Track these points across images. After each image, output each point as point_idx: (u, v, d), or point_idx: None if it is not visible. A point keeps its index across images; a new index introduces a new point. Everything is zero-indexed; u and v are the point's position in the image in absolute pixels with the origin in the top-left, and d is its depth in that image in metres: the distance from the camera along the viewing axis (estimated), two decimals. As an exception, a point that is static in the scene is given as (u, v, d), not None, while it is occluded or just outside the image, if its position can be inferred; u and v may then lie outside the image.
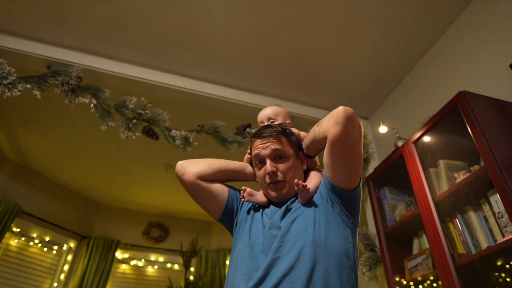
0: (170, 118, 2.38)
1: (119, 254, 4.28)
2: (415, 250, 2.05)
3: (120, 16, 2.26)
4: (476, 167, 1.64)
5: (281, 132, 1.20)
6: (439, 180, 1.85)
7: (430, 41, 2.42)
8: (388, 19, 2.28)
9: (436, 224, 1.72)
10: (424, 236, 1.99)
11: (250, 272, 0.97)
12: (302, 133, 1.31)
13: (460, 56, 2.19)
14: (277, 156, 1.15)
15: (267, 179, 1.14)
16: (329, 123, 1.03)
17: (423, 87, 2.47)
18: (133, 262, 4.33)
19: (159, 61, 2.57)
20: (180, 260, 4.11)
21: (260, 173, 1.17)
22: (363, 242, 2.36)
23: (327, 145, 1.04)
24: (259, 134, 1.20)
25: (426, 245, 1.95)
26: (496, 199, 1.51)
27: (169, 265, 4.35)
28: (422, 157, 1.95)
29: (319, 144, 1.11)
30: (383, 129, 2.38)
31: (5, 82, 1.93)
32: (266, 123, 1.35)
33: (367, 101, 2.92)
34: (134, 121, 2.25)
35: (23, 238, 3.66)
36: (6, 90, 1.93)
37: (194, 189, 1.20)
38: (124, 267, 4.31)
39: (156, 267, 4.36)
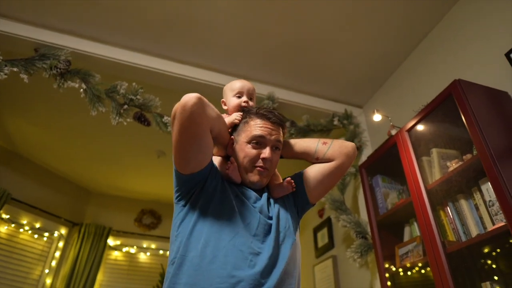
0: (162, 104, 2.34)
1: (111, 241, 4.27)
2: (406, 237, 2.07)
3: (110, -2, 2.19)
4: (469, 156, 1.65)
5: (284, 124, 1.21)
6: (432, 169, 1.86)
7: (425, 30, 2.40)
8: (384, 9, 2.25)
9: (427, 212, 1.73)
10: (415, 223, 2.00)
11: (252, 256, 0.97)
12: None
13: (456, 44, 2.17)
14: (275, 146, 1.15)
15: (259, 163, 1.11)
16: (341, 151, 1.20)
17: (418, 76, 2.46)
18: (125, 249, 4.33)
19: (151, 46, 2.51)
20: (173, 247, 4.12)
21: (252, 152, 1.10)
22: (355, 229, 2.38)
23: (329, 167, 1.19)
24: (266, 117, 1.14)
25: (417, 232, 1.97)
26: (487, 188, 1.52)
27: (161, 252, 4.36)
28: (415, 145, 1.95)
29: (311, 158, 1.23)
30: (377, 117, 2.38)
31: (-10, 64, 1.87)
32: (245, 99, 1.27)
33: (362, 89, 2.91)
34: (125, 106, 2.20)
35: (13, 225, 3.62)
36: (-8, 73, 1.87)
37: (200, 134, 1.00)
38: (116, 254, 4.31)
39: (148, 254, 4.37)
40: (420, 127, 1.97)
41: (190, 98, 0.96)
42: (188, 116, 0.96)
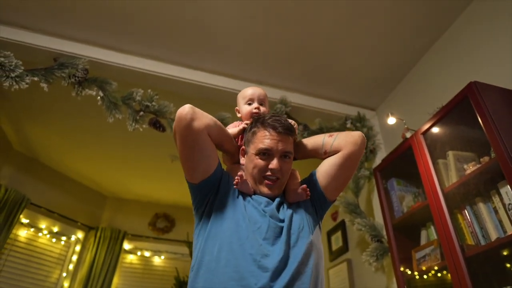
0: (176, 110, 2.37)
1: (126, 245, 4.33)
2: (423, 241, 2.05)
3: (126, 7, 2.24)
4: (486, 159, 1.63)
5: (293, 132, 1.18)
6: (448, 172, 1.84)
7: (439, 31, 2.38)
8: (397, 9, 2.24)
9: (445, 215, 1.72)
10: (432, 227, 1.98)
11: (262, 258, 0.98)
12: None
13: (470, 45, 2.15)
14: (284, 155, 1.14)
15: (268, 173, 1.13)
16: (347, 140, 1.18)
17: (432, 78, 2.45)
18: (140, 253, 4.38)
19: (165, 53, 2.55)
20: (187, 250, 4.15)
21: (260, 163, 1.12)
22: (370, 233, 2.37)
23: (338, 158, 1.17)
24: (274, 127, 1.13)
25: (434, 236, 1.95)
26: (506, 191, 1.50)
27: (175, 255, 4.40)
28: (431, 148, 1.93)
29: (320, 154, 1.22)
30: (391, 120, 2.37)
31: (12, 75, 1.93)
32: (256, 105, 1.30)
33: (375, 92, 2.90)
34: (141, 113, 2.25)
35: (32, 229, 3.70)
36: (14, 83, 1.93)
37: (198, 140, 1.06)
38: (131, 257, 4.36)
39: (162, 257, 4.41)
40: (436, 130, 1.96)
41: (182, 109, 1.05)
42: (184, 125, 1.03)
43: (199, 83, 2.60)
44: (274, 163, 1.12)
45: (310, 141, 1.26)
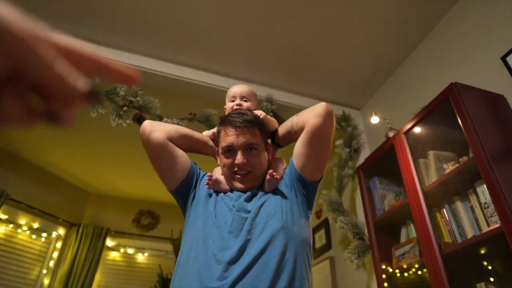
0: (161, 106, 2.36)
1: (109, 242, 4.28)
2: (403, 239, 2.09)
3: (110, 1, 2.21)
4: (465, 158, 1.67)
5: (255, 123, 1.18)
6: (428, 171, 1.88)
7: (423, 33, 2.42)
8: (383, 10, 2.27)
9: (424, 214, 1.76)
10: (412, 225, 2.02)
11: (220, 251, 0.99)
12: (273, 120, 1.32)
13: (453, 47, 2.20)
14: (248, 148, 1.15)
15: (235, 169, 1.14)
16: (309, 115, 1.12)
17: (415, 79, 2.49)
18: (123, 250, 4.33)
19: (150, 47, 2.53)
20: (171, 247, 4.13)
21: (227, 161, 1.15)
22: (352, 230, 2.40)
23: (304, 134, 1.12)
24: (232, 123, 1.15)
25: (413, 234, 1.99)
26: (483, 190, 1.54)
27: (159, 252, 4.37)
28: (413, 147, 1.97)
29: (293, 135, 1.20)
30: (374, 119, 2.40)
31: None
32: (238, 101, 1.33)
33: (360, 92, 2.93)
34: (125, 108, 2.22)
35: (11, 225, 3.62)
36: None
37: (161, 150, 1.15)
38: (114, 254, 4.31)
39: (146, 254, 4.37)
40: (417, 130, 2.00)
41: (142, 126, 1.17)
42: (146, 140, 1.15)
43: (184, 79, 2.58)
44: (238, 158, 1.13)
45: (283, 126, 1.27)
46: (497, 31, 1.90)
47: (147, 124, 1.17)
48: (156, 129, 1.16)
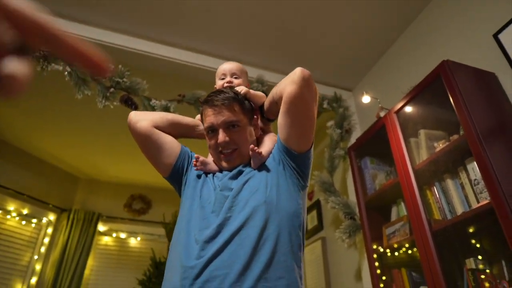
0: (149, 88, 2.30)
1: (101, 227, 4.26)
2: (393, 217, 2.11)
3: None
4: (455, 137, 1.67)
5: (234, 99, 1.14)
6: (419, 150, 1.88)
7: (415, 11, 2.39)
8: (374, -13, 2.23)
9: (414, 192, 1.77)
10: (402, 204, 2.04)
11: (201, 231, 0.99)
12: (260, 93, 1.27)
13: (445, 25, 2.18)
14: (230, 125, 1.12)
15: (220, 149, 1.12)
16: (286, 83, 1.06)
17: (407, 57, 2.47)
18: (115, 234, 4.32)
19: (136, 27, 2.45)
20: (163, 231, 4.13)
21: (211, 142, 1.14)
22: (343, 210, 2.42)
23: (282, 103, 1.07)
24: (211, 102, 1.13)
25: (404, 212, 2.01)
26: (473, 167, 1.55)
27: (152, 236, 4.37)
28: (404, 127, 1.97)
29: (276, 105, 1.14)
30: (366, 99, 2.39)
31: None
32: (228, 79, 1.30)
33: (351, 72, 2.91)
34: (112, 89, 2.16)
35: (-1, 212, 3.57)
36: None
37: (147, 137, 1.18)
38: (106, 239, 4.30)
39: (138, 238, 4.37)
40: (408, 109, 1.99)
41: (128, 116, 1.21)
42: (132, 129, 1.19)
43: (173, 60, 2.52)
44: (219, 137, 1.11)
45: (267, 99, 1.23)
46: (489, 8, 1.88)
47: (133, 115, 1.21)
48: (141, 118, 1.19)
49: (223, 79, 1.31)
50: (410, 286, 1.88)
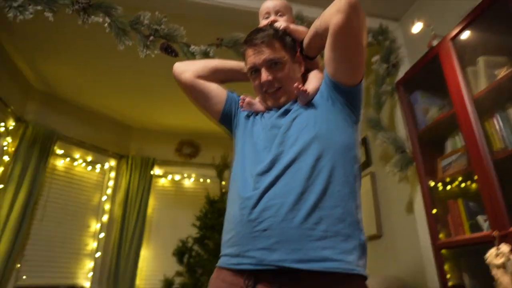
0: (187, 34, 2.27)
1: (157, 170, 4.58)
2: (448, 150, 2.03)
3: None
4: (520, 62, 1.50)
5: (274, 36, 1.11)
6: (477, 79, 1.74)
7: None
8: None
9: (472, 122, 1.67)
10: (457, 136, 1.95)
11: (254, 166, 1.03)
12: (301, 28, 1.21)
13: None
14: (271, 64, 1.10)
15: (264, 89, 1.12)
16: (330, 12, 0.99)
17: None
18: (170, 177, 4.64)
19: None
20: (214, 173, 4.35)
21: (255, 83, 1.14)
22: (394, 145, 2.35)
23: (328, 36, 1.01)
24: (250, 42, 1.12)
25: (460, 144, 1.92)
26: (540, 94, 1.41)
27: (204, 178, 4.64)
28: (460, 55, 1.81)
29: (320, 39, 1.08)
30: (417, 27, 2.18)
31: (14, 4, 1.87)
32: (273, 17, 1.25)
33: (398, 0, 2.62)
34: (151, 38, 2.17)
35: (67, 159, 3.94)
36: (18, 13, 1.88)
37: (192, 88, 1.24)
38: (162, 181, 4.64)
39: (192, 180, 4.67)
40: (466, 34, 1.80)
41: (173, 68, 1.27)
42: (178, 81, 1.25)
43: (208, 3, 2.44)
44: (262, 77, 1.10)
45: (308, 34, 1.17)
46: None
47: (176, 66, 1.27)
48: (184, 70, 1.24)
49: (267, 18, 1.27)
50: (466, 215, 1.85)
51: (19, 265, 3.30)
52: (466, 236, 1.78)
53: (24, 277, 3.33)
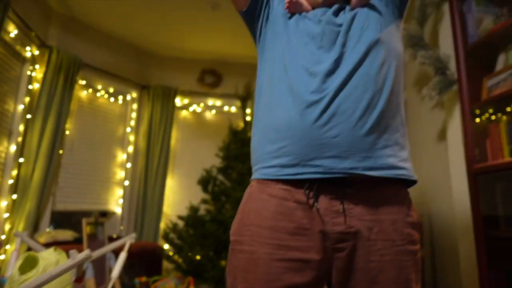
0: None
1: (178, 101, 4.52)
2: (500, 67, 1.85)
3: None
4: None
5: None
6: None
7: None
8: None
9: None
10: (513, 50, 1.76)
11: (313, 65, 0.91)
12: None
13: None
14: None
15: None
16: None
17: None
18: (192, 108, 4.58)
19: None
20: (237, 103, 4.26)
21: None
22: (434, 65, 2.18)
23: None
24: None
25: (514, 59, 1.74)
26: None
27: (226, 108, 4.57)
28: None
29: None
30: None
31: None
32: None
33: None
34: None
35: (90, 90, 3.91)
36: None
37: None
38: (184, 113, 4.60)
39: (214, 111, 4.61)
40: None
41: None
42: None
43: None
44: None
45: None
46: None
47: None
48: None
49: None
50: (507, 139, 1.75)
51: (54, 191, 3.44)
52: (506, 160, 1.69)
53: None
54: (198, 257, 3.22)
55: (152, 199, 4.11)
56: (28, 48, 3.18)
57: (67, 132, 3.61)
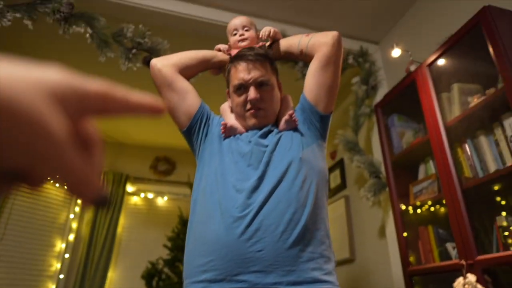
0: (171, 47, 2.26)
1: (129, 187, 4.42)
2: (421, 176, 2.07)
3: None
4: (492, 90, 1.58)
5: (266, 58, 1.15)
6: (451, 106, 1.80)
7: (451, -47, 2.19)
8: None
9: (445, 149, 1.71)
10: (430, 162, 1.99)
11: (239, 182, 1.00)
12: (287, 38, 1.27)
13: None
14: (261, 84, 1.11)
15: (248, 106, 1.11)
16: (322, 41, 1.12)
17: (442, 5, 2.30)
18: (143, 194, 4.49)
19: (154, -16, 2.37)
20: (188, 191, 4.25)
21: (239, 99, 1.13)
22: (368, 169, 2.39)
23: (316, 63, 1.12)
24: (243, 57, 1.12)
25: (432, 170, 1.97)
26: (510, 123, 1.47)
27: (178, 196, 4.52)
28: (436, 81, 1.88)
29: (297, 52, 1.19)
30: (396, 52, 2.27)
31: (-8, 9, 1.80)
32: (240, 32, 1.28)
33: (378, 23, 2.74)
34: (134, 51, 2.14)
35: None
36: (-5, 19, 1.81)
37: (171, 82, 1.16)
38: (135, 199, 4.48)
39: (165, 198, 4.53)
40: (442, 62, 1.88)
41: (151, 64, 1.19)
42: (157, 75, 1.17)
43: (192, 17, 2.45)
44: (250, 94, 1.09)
45: (286, 41, 1.24)
46: None
47: (155, 62, 1.19)
48: (164, 64, 1.18)
49: (235, 34, 1.30)
50: (436, 242, 1.89)
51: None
52: (436, 264, 1.80)
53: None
54: None
55: (89, 294, 3.73)
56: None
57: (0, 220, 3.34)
